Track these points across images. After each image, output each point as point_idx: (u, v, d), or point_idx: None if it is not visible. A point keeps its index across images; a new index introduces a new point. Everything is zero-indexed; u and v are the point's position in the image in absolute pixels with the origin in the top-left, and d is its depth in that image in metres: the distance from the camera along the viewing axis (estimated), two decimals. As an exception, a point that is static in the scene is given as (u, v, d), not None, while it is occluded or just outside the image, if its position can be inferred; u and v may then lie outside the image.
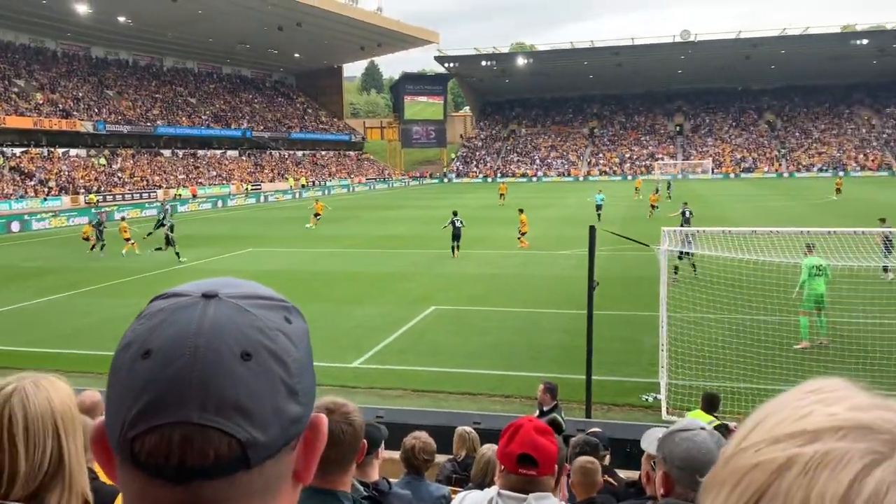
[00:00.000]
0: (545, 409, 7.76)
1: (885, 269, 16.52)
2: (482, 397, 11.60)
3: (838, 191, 48.97)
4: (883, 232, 14.07)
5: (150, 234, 31.72)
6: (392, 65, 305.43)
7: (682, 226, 22.82)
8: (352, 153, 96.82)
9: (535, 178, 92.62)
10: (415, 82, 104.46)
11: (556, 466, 2.27)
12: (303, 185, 74.31)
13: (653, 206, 39.12)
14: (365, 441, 2.43)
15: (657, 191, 44.60)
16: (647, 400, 11.10)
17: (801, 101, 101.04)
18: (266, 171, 77.24)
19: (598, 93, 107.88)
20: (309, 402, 0.79)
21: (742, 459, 0.57)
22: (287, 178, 75.93)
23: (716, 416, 7.56)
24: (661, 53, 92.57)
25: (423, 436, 4.54)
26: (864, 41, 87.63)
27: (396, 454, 4.77)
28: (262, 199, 64.50)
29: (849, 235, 13.42)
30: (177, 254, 26.74)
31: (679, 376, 11.30)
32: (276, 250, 29.33)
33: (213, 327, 0.73)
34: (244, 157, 77.83)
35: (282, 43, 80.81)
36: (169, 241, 27.26)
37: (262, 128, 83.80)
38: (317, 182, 79.04)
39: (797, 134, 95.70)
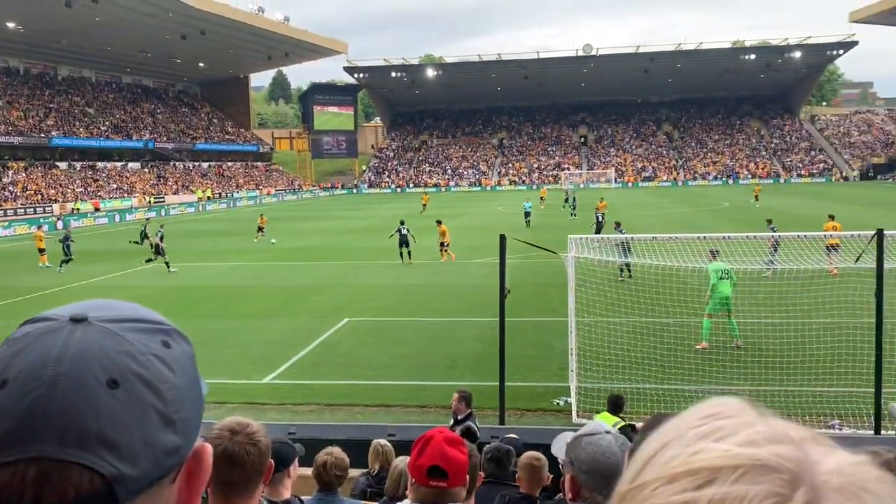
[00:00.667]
0: (460, 417, 7.79)
1: (769, 264, 17.13)
2: (397, 409, 11.54)
3: (756, 198, 50.82)
4: (773, 235, 14.90)
5: (134, 241, 31.49)
6: (300, 75, 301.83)
7: (596, 232, 23.59)
8: (260, 164, 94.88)
9: (444, 189, 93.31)
10: (324, 92, 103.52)
11: (468, 476, 2.27)
12: (208, 198, 72.22)
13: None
14: (272, 461, 2.37)
15: (567, 199, 45.91)
16: (558, 404, 11.33)
17: (697, 112, 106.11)
18: (170, 183, 74.65)
19: (506, 104, 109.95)
20: (189, 430, 0.73)
21: (637, 500, 0.55)
22: (195, 191, 73.63)
23: (621, 417, 7.79)
24: (564, 67, 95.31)
25: (336, 451, 4.47)
26: (752, 56, 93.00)
27: (310, 471, 4.68)
28: (164, 212, 62.18)
29: (741, 241, 14.13)
30: (166, 263, 26.27)
31: (588, 379, 11.60)
32: (181, 265, 28.35)
33: (77, 353, 0.68)
34: (146, 170, 74.98)
35: (185, 52, 78.44)
36: (159, 251, 26.78)
37: (165, 139, 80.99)
38: (223, 194, 77.00)
39: (693, 144, 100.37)
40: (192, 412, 0.74)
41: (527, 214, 39.60)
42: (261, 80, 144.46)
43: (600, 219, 26.88)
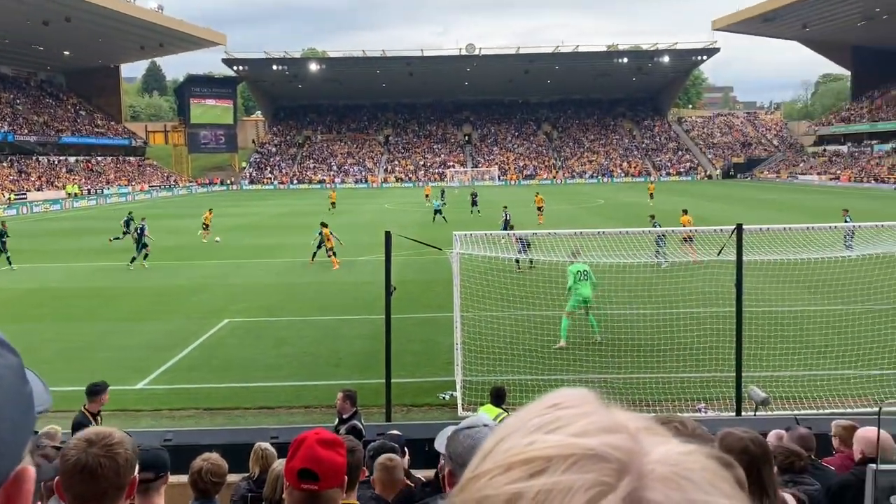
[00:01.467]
0: (345, 416, 7.71)
1: (658, 256, 17.66)
2: (281, 410, 11.28)
3: (651, 196, 52.15)
4: (657, 230, 15.67)
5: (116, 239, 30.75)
6: (176, 66, 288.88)
7: (504, 229, 23.94)
8: (132, 159, 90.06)
9: (330, 186, 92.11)
10: (202, 85, 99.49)
11: (348, 477, 2.24)
12: (75, 195, 67.86)
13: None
14: (144, 472, 2.23)
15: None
16: (444, 398, 11.44)
17: (574, 113, 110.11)
18: (33, 178, 69.57)
19: (391, 101, 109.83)
20: (8, 451, 0.67)
21: (474, 489, 0.56)
22: (66, 187, 68.94)
23: (504, 409, 7.98)
24: (448, 65, 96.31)
25: (213, 457, 4.30)
26: (625, 60, 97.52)
27: (186, 478, 4.48)
28: (26, 209, 57.75)
29: (617, 236, 14.79)
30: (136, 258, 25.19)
31: (473, 373, 11.80)
32: (44, 266, 26.48)
33: None
34: (5, 164, 69.49)
35: (48, 39, 73.16)
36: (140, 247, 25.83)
37: (26, 131, 75.31)
38: (92, 190, 72.57)
39: (571, 144, 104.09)
40: (8, 432, 0.67)
41: (437, 212, 39.78)
42: (133, 70, 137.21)
43: (508, 217, 27.36)
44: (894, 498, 3.58)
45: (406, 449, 6.11)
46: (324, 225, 26.26)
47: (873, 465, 3.77)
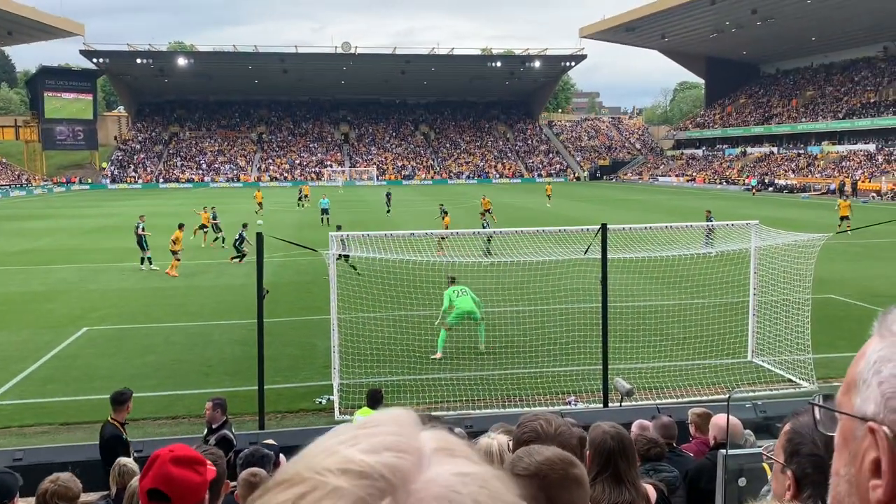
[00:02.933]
0: (214, 426, 7.41)
1: (706, 246, 17.15)
2: (146, 422, 10.70)
3: (549, 197, 52.82)
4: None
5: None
6: (28, 57, 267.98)
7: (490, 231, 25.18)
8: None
9: (200, 184, 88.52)
10: (57, 77, 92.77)
11: (210, 493, 2.14)
12: None
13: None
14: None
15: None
16: (320, 403, 11.26)
17: (451, 115, 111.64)
18: None
19: (264, 98, 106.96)
20: None
21: (261, 501, 0.57)
22: None
23: (379, 412, 7.94)
24: (324, 63, 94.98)
25: (62, 477, 4.00)
26: (498, 64, 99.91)
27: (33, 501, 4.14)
28: None
29: (506, 235, 15.09)
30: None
31: (351, 376, 11.68)
32: None
33: None
34: None
35: None
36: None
37: None
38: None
39: (448, 145, 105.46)
40: None
41: (324, 211, 38.97)
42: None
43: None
44: (742, 480, 3.85)
45: (281, 458, 5.95)
46: (180, 226, 24.86)
47: (723, 451, 4.04)
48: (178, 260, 23.59)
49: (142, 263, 24.27)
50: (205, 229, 30.86)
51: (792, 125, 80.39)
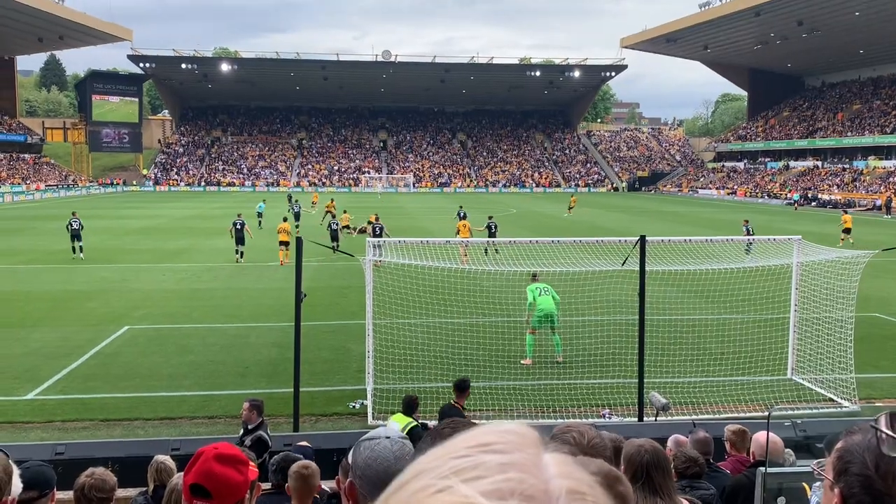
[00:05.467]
0: (250, 427, 7.50)
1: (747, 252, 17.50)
2: (183, 421, 10.88)
3: (570, 208, 51.75)
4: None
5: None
6: (78, 61, 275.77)
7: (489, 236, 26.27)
8: (28, 156, 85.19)
9: (240, 188, 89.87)
10: (105, 81, 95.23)
11: (248, 493, 2.17)
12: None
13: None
14: (14, 495, 2.09)
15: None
16: (354, 407, 11.32)
17: (488, 123, 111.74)
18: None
19: (305, 104, 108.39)
20: None
21: None
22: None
23: (414, 418, 7.97)
24: (364, 71, 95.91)
25: (99, 471, 4.08)
26: (538, 73, 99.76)
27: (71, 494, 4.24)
28: None
29: (528, 245, 15.05)
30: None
31: (385, 381, 11.72)
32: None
33: None
34: None
35: (-69, 24, 68.43)
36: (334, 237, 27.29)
37: None
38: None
39: (484, 153, 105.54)
40: None
41: (259, 215, 39.49)
42: (30, 63, 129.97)
43: (493, 228, 29.06)
44: (781, 499, 3.78)
45: (314, 459, 6.00)
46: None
47: (762, 468, 3.97)
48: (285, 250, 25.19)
49: (239, 256, 26.46)
50: (348, 230, 33.14)
51: (837, 139, 78.68)
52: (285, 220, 27.55)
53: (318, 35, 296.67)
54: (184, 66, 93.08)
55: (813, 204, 66.15)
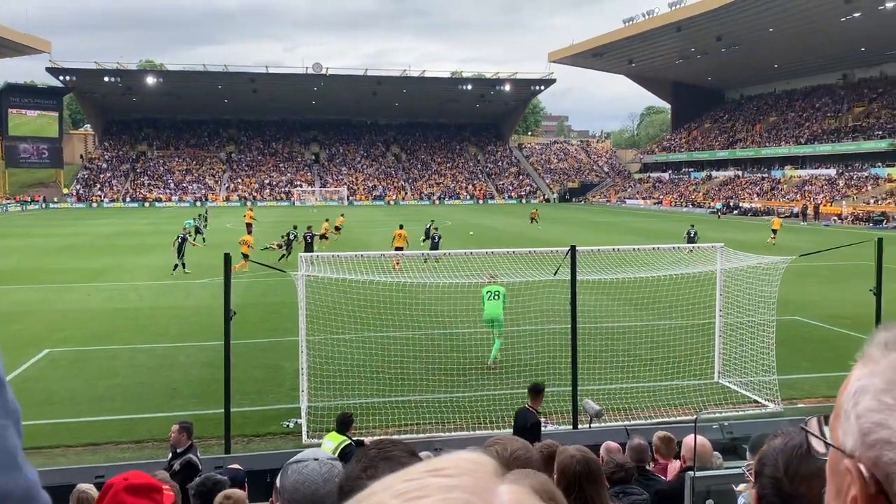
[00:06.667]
0: (179, 450, 7.26)
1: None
2: (108, 447, 10.45)
3: (533, 219, 51.63)
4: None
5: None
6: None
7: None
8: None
9: (166, 204, 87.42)
10: (22, 94, 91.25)
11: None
12: None
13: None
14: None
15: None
16: (288, 426, 11.10)
17: (422, 136, 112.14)
18: None
19: (234, 117, 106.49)
20: None
21: None
22: None
23: (348, 436, 7.87)
24: (295, 83, 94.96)
25: None
26: (469, 87, 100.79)
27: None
28: None
29: (462, 257, 15.13)
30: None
31: (320, 398, 11.55)
32: None
33: None
34: None
35: None
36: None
37: None
38: None
39: (419, 166, 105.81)
40: None
41: (197, 231, 39.08)
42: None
43: (436, 238, 30.36)
44: (709, 502, 3.88)
45: (246, 482, 5.85)
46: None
47: (691, 472, 4.06)
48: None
49: (179, 268, 26.71)
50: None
51: (756, 150, 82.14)
52: (249, 232, 29.39)
53: (248, 47, 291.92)
54: (107, 78, 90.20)
55: (735, 212, 68.74)
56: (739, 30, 71.39)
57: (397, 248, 27.33)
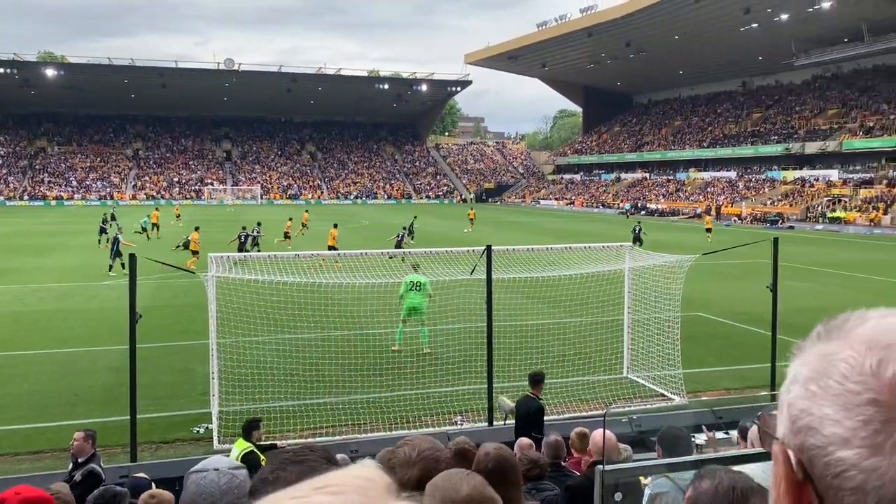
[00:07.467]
0: (80, 460, 6.94)
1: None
2: (5, 458, 9.88)
3: (471, 221, 50.30)
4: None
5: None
6: None
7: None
8: None
9: (69, 202, 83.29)
10: None
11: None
12: None
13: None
14: None
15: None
16: (198, 432, 10.79)
17: (338, 135, 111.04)
18: None
19: (141, 113, 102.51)
20: None
21: None
22: None
23: (252, 441, 7.74)
24: (205, 79, 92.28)
25: None
26: (386, 86, 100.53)
27: None
28: None
29: (378, 257, 15.08)
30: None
31: (232, 402, 11.26)
32: None
33: None
34: None
35: None
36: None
37: None
38: None
39: (335, 165, 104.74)
40: None
41: (143, 229, 39.78)
42: None
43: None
44: (618, 494, 4.00)
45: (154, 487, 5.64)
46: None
47: (600, 466, 4.19)
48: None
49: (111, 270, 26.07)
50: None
51: (662, 153, 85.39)
52: (196, 229, 29.30)
53: (157, 40, 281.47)
54: (1, 70, 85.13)
55: (643, 213, 71.21)
56: (647, 37, 74.05)
57: (330, 248, 26.95)
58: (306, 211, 45.25)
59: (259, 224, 33.23)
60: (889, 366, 0.67)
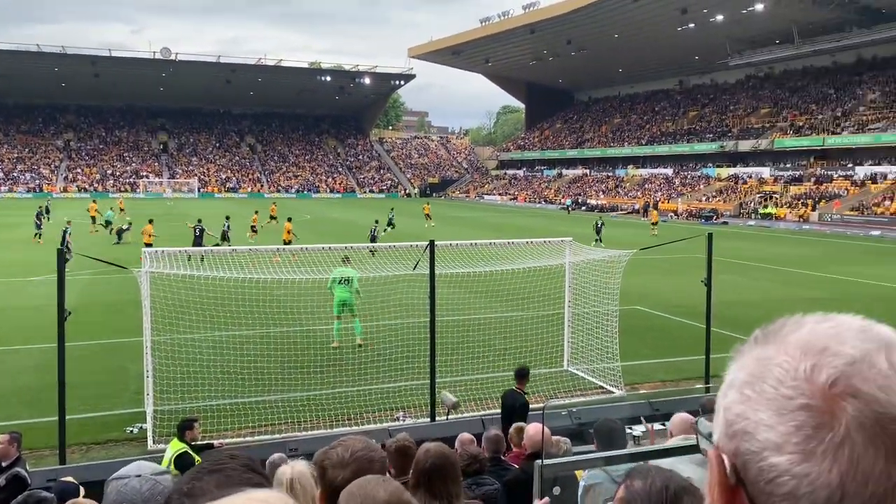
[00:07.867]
0: (5, 464, 6.64)
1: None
2: (-79, 464, 9.38)
3: (428, 217, 49.56)
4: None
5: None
6: None
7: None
8: None
9: (5, 195, 79.84)
10: None
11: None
12: None
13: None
14: None
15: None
16: (131, 432, 10.47)
17: (279, 127, 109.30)
18: None
19: (72, 103, 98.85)
20: None
21: None
22: None
23: (186, 442, 7.55)
24: (141, 68, 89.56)
25: None
26: (328, 78, 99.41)
27: None
28: None
29: (319, 251, 14.88)
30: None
31: (168, 402, 10.97)
32: None
33: None
34: None
35: None
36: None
37: None
38: None
39: (276, 158, 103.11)
40: None
41: (108, 223, 37.39)
42: None
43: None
44: (556, 489, 4.03)
45: (81, 495, 5.44)
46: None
47: (539, 461, 4.21)
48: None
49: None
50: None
51: (602, 150, 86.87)
52: (150, 221, 29.01)
53: (88, 27, 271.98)
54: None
55: (583, 208, 72.33)
56: (588, 35, 75.14)
57: (285, 242, 26.48)
58: (273, 203, 44.40)
59: (228, 218, 32.06)
60: (822, 371, 0.67)
